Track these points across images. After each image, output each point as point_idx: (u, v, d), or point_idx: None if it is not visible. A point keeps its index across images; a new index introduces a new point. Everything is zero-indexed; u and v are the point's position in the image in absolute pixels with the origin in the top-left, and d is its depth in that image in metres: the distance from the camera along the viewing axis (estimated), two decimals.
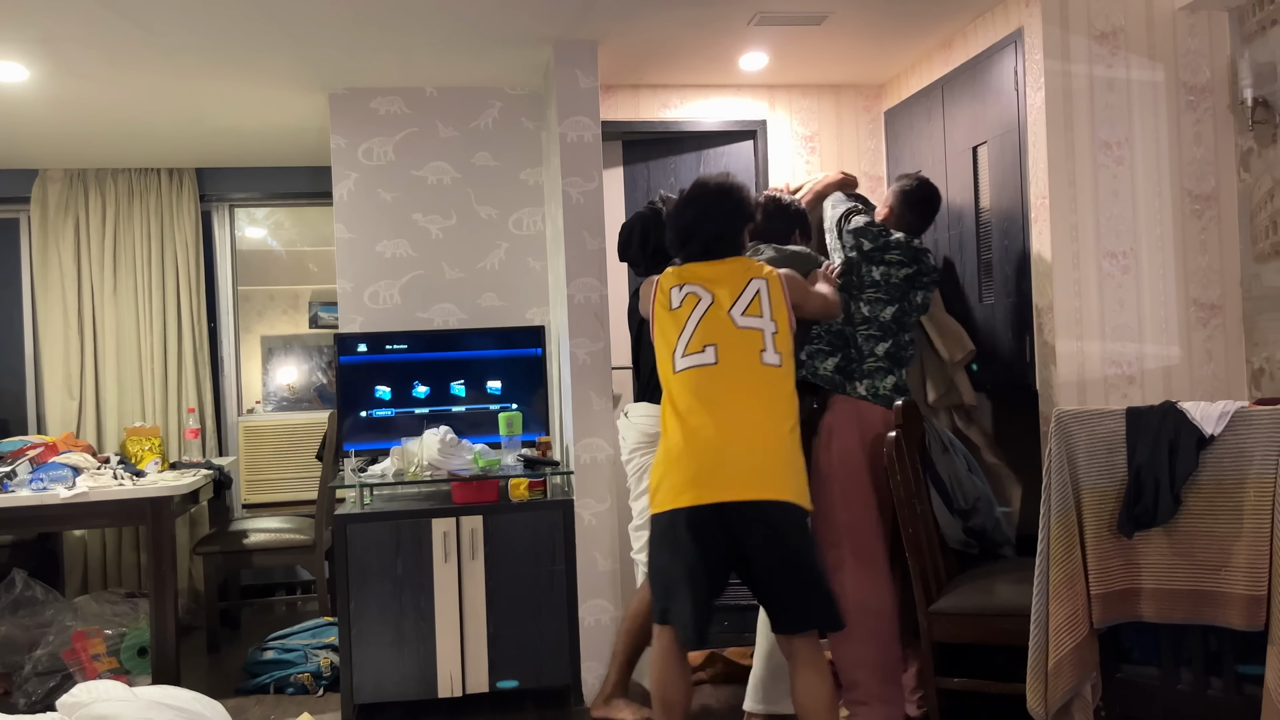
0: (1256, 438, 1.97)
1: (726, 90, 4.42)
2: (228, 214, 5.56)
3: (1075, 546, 2.14)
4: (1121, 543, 2.12)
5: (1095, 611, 2.12)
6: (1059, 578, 2.13)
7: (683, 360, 2.63)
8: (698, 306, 2.68)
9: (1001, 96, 3.49)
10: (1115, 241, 3.28)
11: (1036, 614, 2.18)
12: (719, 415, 2.53)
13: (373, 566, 3.49)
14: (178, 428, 5.20)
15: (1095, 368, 3.25)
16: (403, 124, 4.16)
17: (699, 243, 2.80)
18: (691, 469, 2.50)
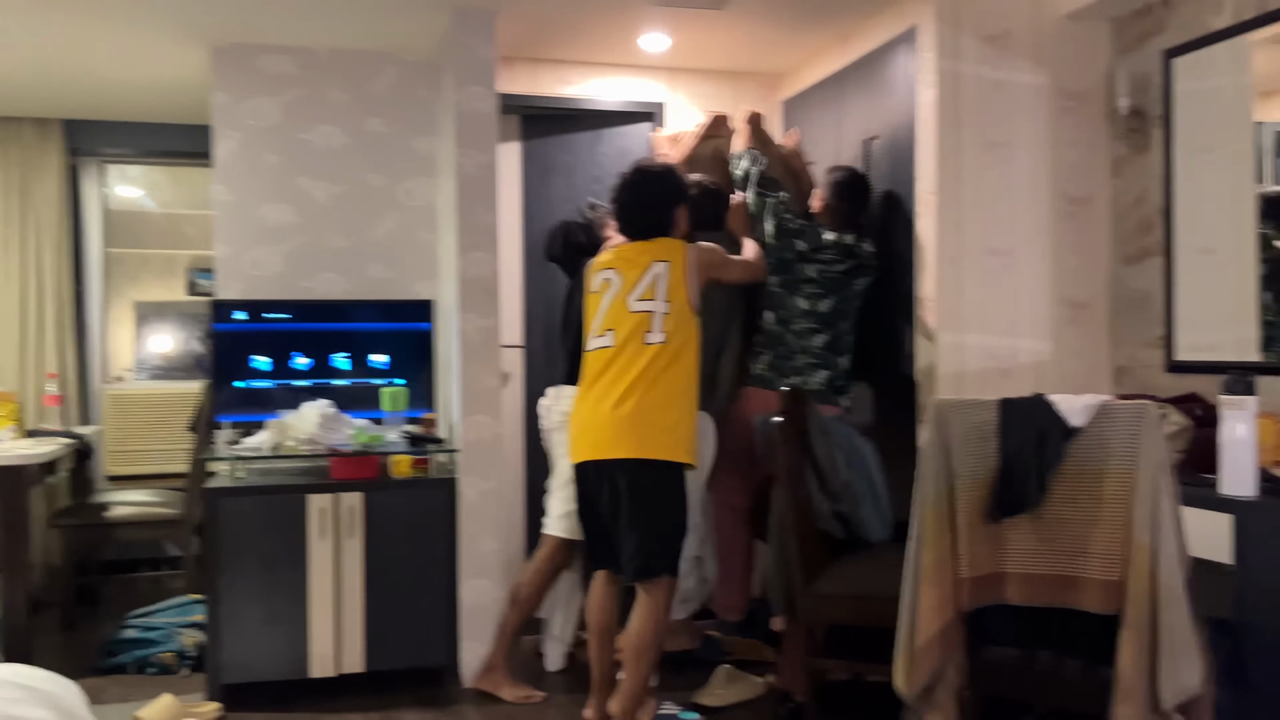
0: (1117, 430, 2.06)
1: (627, 70, 4.39)
2: (98, 170, 5.27)
3: (946, 532, 2.20)
4: (990, 529, 2.19)
5: (963, 595, 2.19)
6: (930, 561, 2.20)
7: (592, 341, 3.01)
8: (608, 292, 3.00)
9: (895, 92, 3.57)
10: (996, 239, 3.39)
11: (907, 596, 2.24)
12: (609, 391, 2.92)
13: (245, 542, 3.37)
14: (35, 394, 4.91)
15: (972, 360, 3.36)
16: (291, 84, 4.00)
17: (632, 224, 3.07)
18: (580, 432, 2.99)
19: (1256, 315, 3.01)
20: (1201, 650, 2.02)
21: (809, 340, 3.46)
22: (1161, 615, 1.97)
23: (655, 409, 2.89)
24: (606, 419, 2.90)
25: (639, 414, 2.88)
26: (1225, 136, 3.10)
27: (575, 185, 4.44)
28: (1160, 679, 1.96)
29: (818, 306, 3.45)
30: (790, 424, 3.04)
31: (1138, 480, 2.01)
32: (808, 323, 3.46)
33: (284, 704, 3.39)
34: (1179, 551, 2.01)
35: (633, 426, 2.87)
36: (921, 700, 2.22)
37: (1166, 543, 1.99)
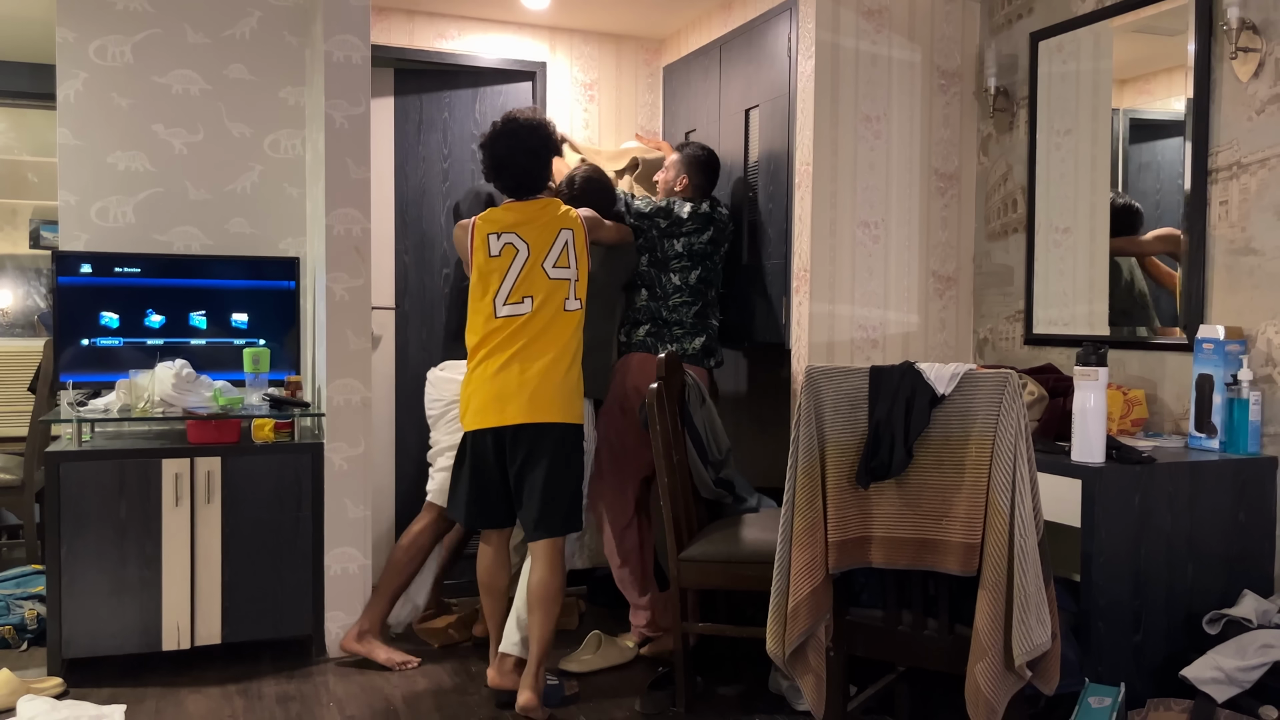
0: (980, 398, 2.12)
1: (507, 27, 4.28)
2: None
3: (818, 496, 2.24)
4: (858, 493, 2.23)
5: (832, 558, 2.23)
6: (801, 525, 2.23)
7: (504, 308, 2.97)
8: (516, 258, 2.97)
9: (775, 62, 3.58)
10: (869, 211, 3.46)
11: (779, 560, 2.27)
12: (521, 357, 2.95)
13: (91, 510, 3.17)
14: None
15: (843, 330, 3.42)
16: (144, 23, 3.74)
17: (510, 176, 3.02)
18: (485, 400, 2.95)
19: (1106, 291, 3.16)
20: (1051, 609, 2.11)
21: (684, 313, 3.49)
22: (1016, 577, 2.04)
23: (571, 374, 3.00)
24: (520, 385, 2.92)
25: (559, 379, 2.96)
26: (1085, 119, 3.22)
27: (451, 143, 4.32)
28: (1014, 637, 2.04)
29: (688, 279, 3.51)
30: (668, 390, 3.04)
31: (998, 447, 2.08)
32: (681, 296, 3.50)
33: (133, 678, 3.22)
34: (1034, 515, 2.09)
35: (554, 391, 2.95)
36: (792, 661, 2.26)
37: (1023, 507, 2.06)
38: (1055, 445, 2.67)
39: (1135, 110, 3.09)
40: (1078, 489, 2.45)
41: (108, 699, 3.04)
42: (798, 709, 2.95)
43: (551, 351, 2.97)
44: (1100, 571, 2.43)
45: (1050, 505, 2.49)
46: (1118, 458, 2.49)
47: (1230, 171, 2.78)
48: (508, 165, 3.02)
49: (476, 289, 3.01)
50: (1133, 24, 3.07)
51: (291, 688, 3.17)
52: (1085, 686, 2.32)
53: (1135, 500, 2.46)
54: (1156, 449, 2.68)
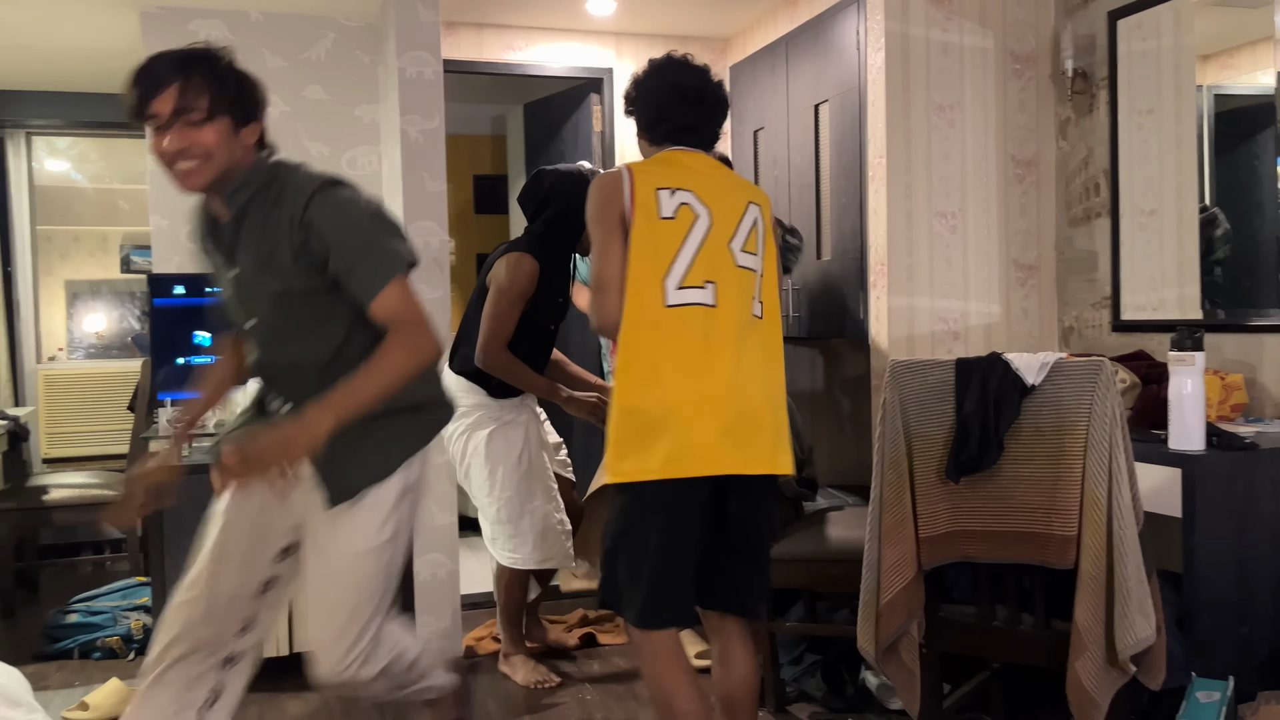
0: (1071, 387, 2.08)
1: (573, 35, 4.32)
2: (25, 142, 5.06)
3: (906, 491, 2.22)
4: (948, 488, 2.21)
5: (923, 553, 2.21)
6: (890, 521, 2.21)
7: (678, 293, 2.08)
8: (696, 226, 2.11)
9: (843, 56, 3.55)
10: (945, 202, 3.41)
11: (869, 557, 2.25)
12: (735, 370, 2.08)
13: (191, 522, 3.27)
14: None
15: (923, 323, 3.38)
16: None
17: (693, 111, 2.21)
18: (696, 432, 2.02)
19: (1198, 274, 3.06)
20: (1155, 601, 2.06)
21: None
22: (1116, 569, 1.99)
23: (781, 404, 2.17)
24: (759, 413, 2.09)
25: (772, 410, 2.13)
26: (1168, 98, 3.13)
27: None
28: (1116, 631, 1.99)
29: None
30: None
31: (1092, 436, 2.03)
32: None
33: None
34: (1133, 505, 2.04)
35: (773, 427, 2.12)
36: (884, 658, 2.24)
37: (1120, 497, 2.01)
38: (1151, 434, 2.60)
39: (1220, 86, 2.99)
40: (1177, 478, 2.38)
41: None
42: (890, 708, 2.91)
43: (760, 371, 2.13)
44: (1203, 562, 2.36)
45: (1148, 496, 2.42)
46: (1218, 444, 2.42)
47: None
48: (689, 98, 2.20)
49: (641, 269, 2.07)
50: None
51: None
52: (1192, 681, 2.25)
53: (1238, 488, 2.38)
54: (1259, 434, 2.59)
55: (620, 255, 2.08)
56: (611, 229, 2.10)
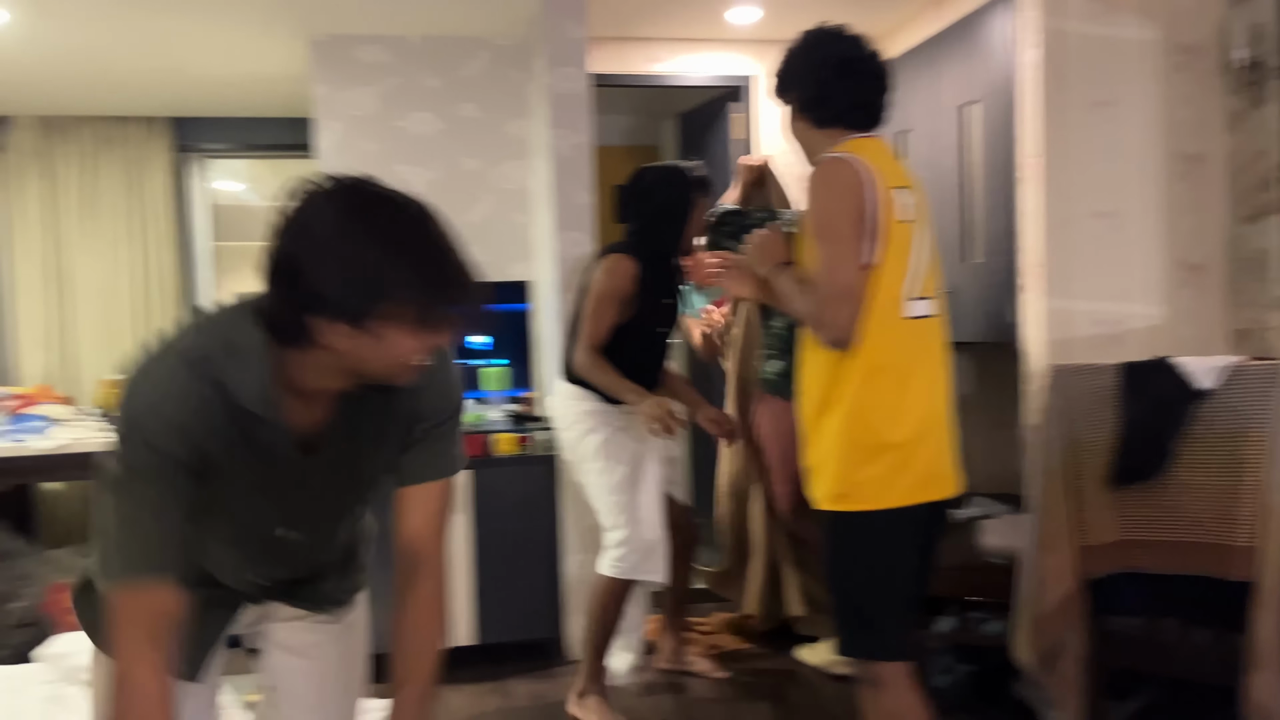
0: (1251, 392, 1.99)
1: (716, 45, 4.37)
2: (203, 165, 5.46)
3: (1066, 498, 2.16)
4: (1112, 495, 2.14)
5: (1085, 563, 2.15)
6: (1050, 529, 2.16)
7: (912, 304, 1.96)
8: (919, 229, 2.01)
9: (994, 55, 3.48)
10: (1104, 201, 3.29)
11: (1027, 566, 2.21)
12: (941, 389, 2.02)
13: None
14: None
15: (1082, 327, 3.27)
16: (386, 73, 4.08)
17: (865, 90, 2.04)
18: (932, 454, 1.97)
19: None
20: None
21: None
22: None
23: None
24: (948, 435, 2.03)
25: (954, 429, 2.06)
26: None
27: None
28: None
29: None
30: None
31: (1272, 443, 1.94)
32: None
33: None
34: None
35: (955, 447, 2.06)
36: (1044, 670, 2.19)
37: None
38: None
39: None
40: None
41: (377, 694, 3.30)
42: None
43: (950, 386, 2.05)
44: None
45: None
46: None
47: None
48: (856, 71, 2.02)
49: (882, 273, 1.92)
50: None
51: (540, 688, 3.35)
52: None
53: None
54: None
55: (857, 261, 1.89)
56: (851, 232, 1.89)
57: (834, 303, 1.88)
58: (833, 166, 1.93)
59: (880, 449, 1.89)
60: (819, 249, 1.91)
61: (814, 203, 1.92)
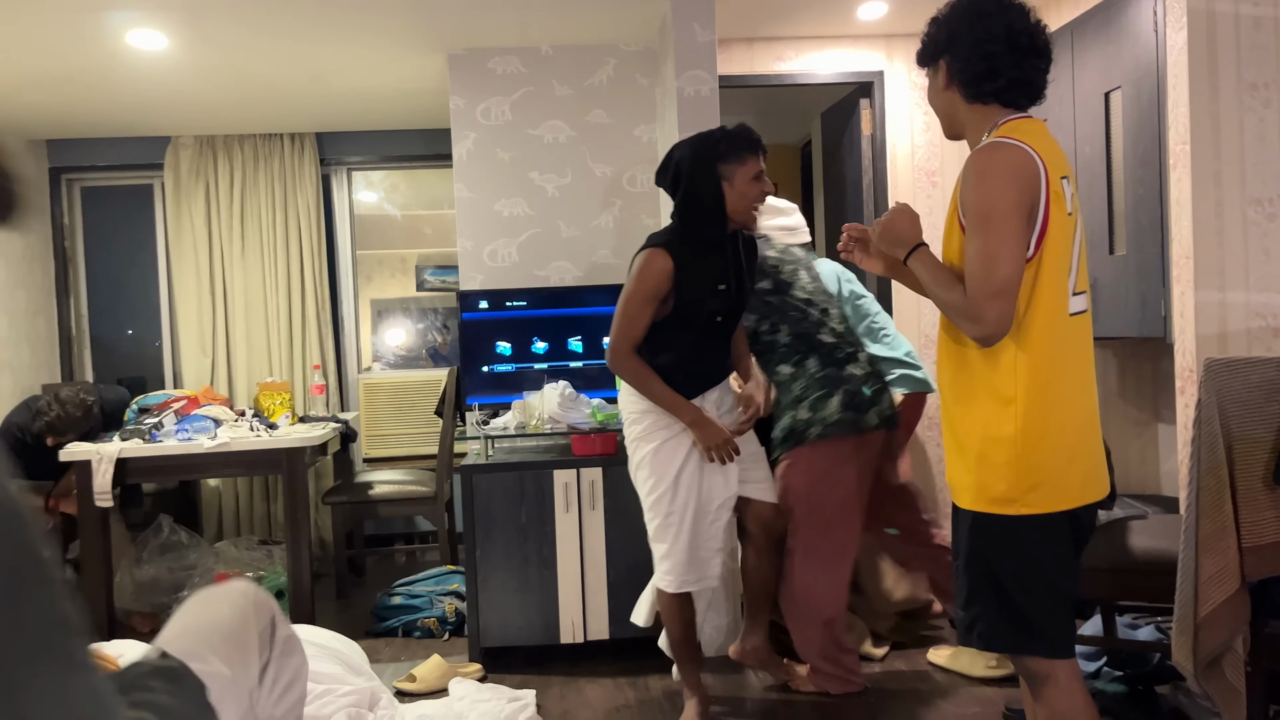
0: None
1: (843, 41, 4.35)
2: (346, 177, 5.72)
3: (1226, 498, 2.08)
4: (1275, 494, 2.05)
5: (1246, 564, 2.07)
6: (1209, 530, 2.08)
7: (1075, 300, 1.91)
8: (1078, 221, 1.94)
9: (1139, 39, 3.36)
10: (1261, 188, 3.14)
11: (1184, 567, 2.13)
12: (1093, 387, 1.96)
13: (497, 516, 3.59)
14: (303, 384, 5.41)
15: (1238, 320, 3.12)
16: (519, 83, 4.21)
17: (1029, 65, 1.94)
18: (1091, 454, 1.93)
19: None
20: None
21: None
22: None
23: None
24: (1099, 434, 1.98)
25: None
26: None
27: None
28: None
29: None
30: None
31: None
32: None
33: (537, 666, 3.59)
34: None
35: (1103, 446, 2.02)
36: (1205, 675, 2.11)
37: None
38: None
39: None
40: None
41: (519, 684, 3.42)
42: None
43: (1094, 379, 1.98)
44: None
45: None
46: None
47: None
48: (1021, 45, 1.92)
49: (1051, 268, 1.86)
50: None
51: (673, 683, 3.39)
52: None
53: None
54: None
55: (1023, 254, 1.81)
56: (1019, 224, 1.79)
57: (991, 298, 1.78)
58: (1004, 152, 1.82)
59: (1053, 451, 1.85)
60: (979, 238, 1.80)
61: (979, 188, 1.80)
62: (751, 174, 2.78)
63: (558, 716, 3.17)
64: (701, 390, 2.92)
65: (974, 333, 1.83)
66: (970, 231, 1.81)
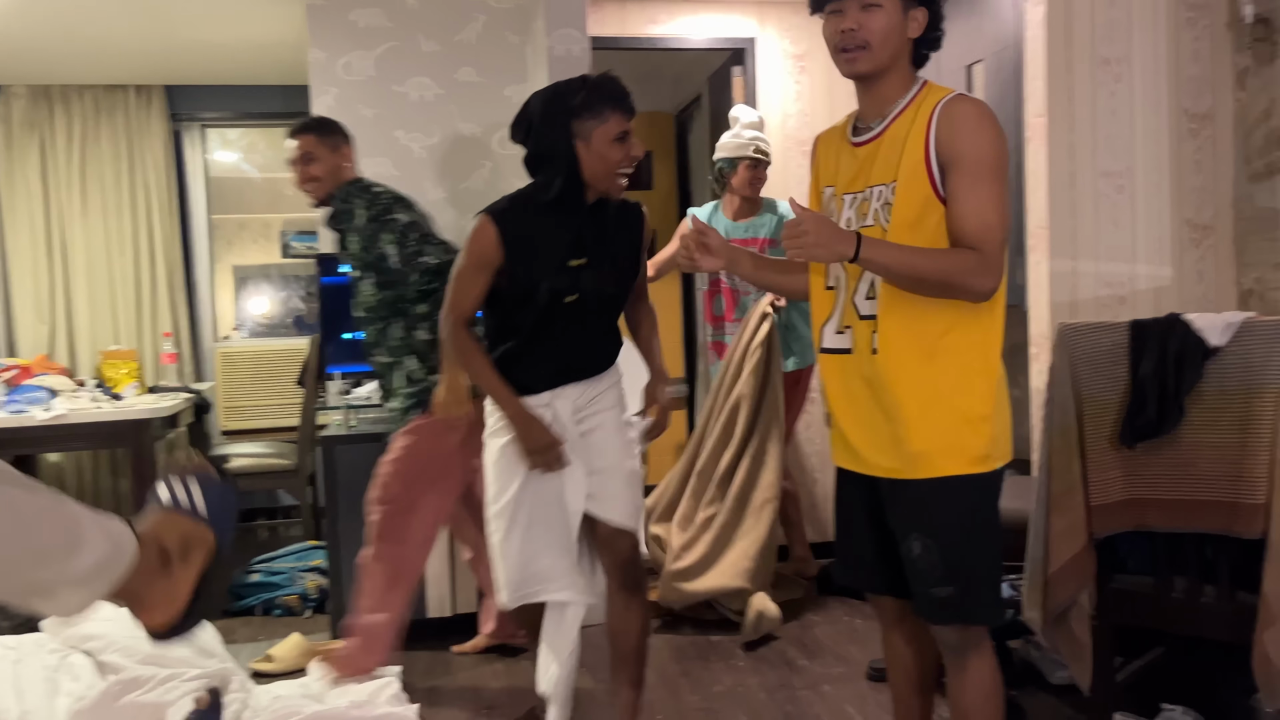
0: (1262, 348, 1.97)
1: (715, 5, 4.31)
2: (200, 134, 5.40)
3: (1075, 458, 2.15)
4: (1122, 454, 2.13)
5: (1094, 522, 2.14)
6: (1059, 489, 2.15)
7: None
8: None
9: (1000, 12, 3.43)
10: (1111, 161, 3.25)
11: (1035, 525, 2.20)
12: None
13: (360, 488, 3.45)
14: (153, 352, 5.11)
15: (1088, 288, 3.24)
16: (383, 37, 4.02)
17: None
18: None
19: None
20: None
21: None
22: None
23: None
24: None
25: None
26: None
27: None
28: None
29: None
30: None
31: None
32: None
33: (404, 642, 3.49)
34: None
35: None
36: (1053, 628, 2.19)
37: None
38: None
39: None
40: None
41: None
42: (1053, 682, 2.83)
43: None
44: None
45: None
46: None
47: None
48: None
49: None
50: None
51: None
52: None
53: None
54: None
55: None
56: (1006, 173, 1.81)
57: (1004, 245, 1.77)
58: (989, 109, 1.85)
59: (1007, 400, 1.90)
60: (988, 185, 1.76)
61: (982, 136, 1.77)
62: (613, 134, 2.31)
63: (424, 693, 3.08)
64: (555, 384, 2.44)
65: (989, 285, 1.77)
66: (973, 179, 1.75)
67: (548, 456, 2.38)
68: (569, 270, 2.38)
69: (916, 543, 1.86)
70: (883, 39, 1.82)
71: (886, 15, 1.82)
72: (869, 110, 1.90)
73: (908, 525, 1.88)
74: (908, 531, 1.87)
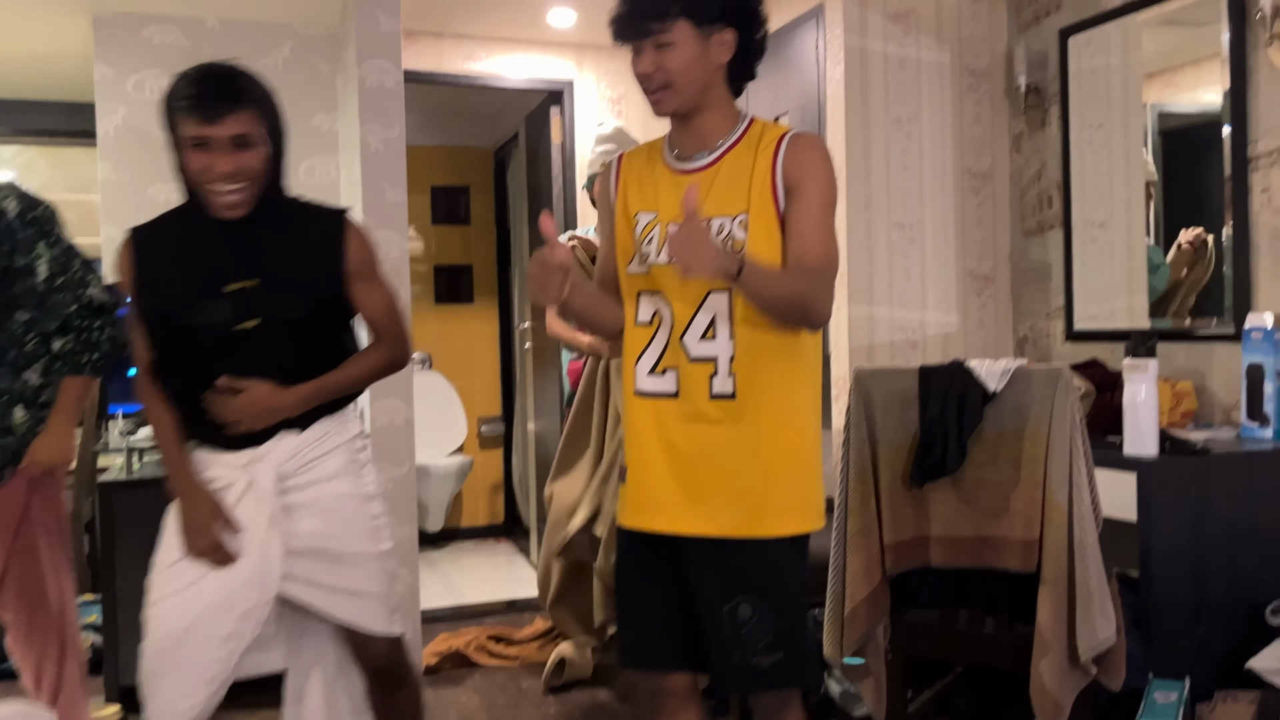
0: (1032, 393, 2.11)
1: (534, 46, 4.33)
2: None
3: (871, 498, 2.23)
4: (913, 493, 2.23)
5: (888, 559, 2.23)
6: (856, 528, 2.22)
7: None
8: None
9: (804, 68, 3.60)
10: (904, 213, 3.46)
11: (834, 564, 2.27)
12: None
13: (144, 537, 3.20)
14: None
15: (883, 332, 3.42)
16: (180, 57, 3.75)
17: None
18: None
19: (1146, 285, 3.14)
20: (1115, 603, 2.10)
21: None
22: (1078, 571, 2.03)
23: None
24: None
25: None
26: (1117, 113, 3.21)
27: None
28: (1078, 632, 2.02)
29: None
30: None
31: (1053, 441, 2.07)
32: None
33: None
34: (1092, 509, 2.08)
35: None
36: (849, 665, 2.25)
37: (1081, 501, 2.05)
38: (1105, 440, 2.66)
39: (1162, 104, 3.08)
40: (1132, 482, 2.43)
41: None
42: (854, 715, 2.93)
43: None
44: (1160, 565, 2.41)
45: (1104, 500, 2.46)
46: (1171, 450, 2.47)
47: (1271, 158, 2.76)
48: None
49: None
50: (1160, 17, 3.07)
51: None
52: (1150, 682, 2.30)
53: (1192, 491, 2.44)
54: (1209, 440, 2.65)
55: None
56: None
57: (831, 280, 1.77)
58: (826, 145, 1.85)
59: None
60: (827, 221, 1.76)
61: (827, 172, 1.77)
62: (188, 141, 1.90)
63: None
64: (250, 442, 1.96)
65: (824, 316, 1.75)
66: (820, 213, 1.74)
67: (204, 546, 1.94)
68: (220, 299, 1.93)
69: (745, 606, 1.71)
70: (684, 76, 1.75)
71: (681, 51, 1.74)
72: (688, 143, 1.83)
73: (734, 588, 1.72)
74: (733, 595, 1.72)
